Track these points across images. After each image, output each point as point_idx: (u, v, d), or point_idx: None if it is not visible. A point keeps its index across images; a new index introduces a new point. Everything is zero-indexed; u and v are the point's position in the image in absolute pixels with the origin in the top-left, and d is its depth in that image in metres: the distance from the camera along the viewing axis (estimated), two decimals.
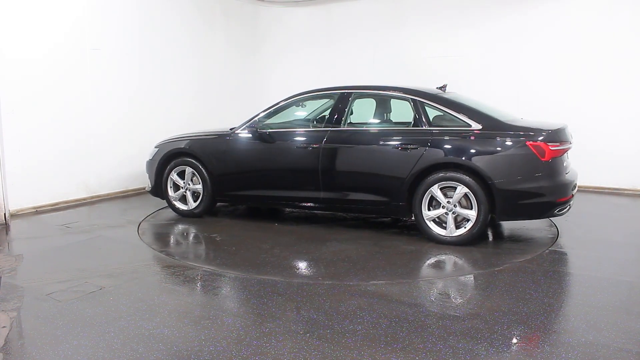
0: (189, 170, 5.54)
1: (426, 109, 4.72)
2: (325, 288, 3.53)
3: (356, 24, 8.60)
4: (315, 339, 2.77)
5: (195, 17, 7.95)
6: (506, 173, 4.29)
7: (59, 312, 3.12)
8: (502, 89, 7.38)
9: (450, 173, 4.44)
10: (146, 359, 2.56)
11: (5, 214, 5.24)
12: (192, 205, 5.57)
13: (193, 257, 4.47)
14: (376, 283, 3.63)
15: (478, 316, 3.06)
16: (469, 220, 4.41)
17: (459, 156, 4.44)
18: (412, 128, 4.78)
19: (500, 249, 4.49)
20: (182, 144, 5.61)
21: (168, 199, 5.70)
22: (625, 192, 6.88)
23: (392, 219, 5.43)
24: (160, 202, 5.95)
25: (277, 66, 9.27)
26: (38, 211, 5.87)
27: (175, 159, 5.61)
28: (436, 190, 4.49)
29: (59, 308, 3.19)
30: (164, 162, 5.65)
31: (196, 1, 7.94)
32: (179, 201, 5.66)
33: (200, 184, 5.49)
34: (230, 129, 5.49)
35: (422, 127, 4.68)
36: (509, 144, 4.32)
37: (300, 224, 5.39)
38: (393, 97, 5.17)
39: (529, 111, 6.20)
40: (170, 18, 7.48)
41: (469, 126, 4.49)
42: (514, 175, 4.29)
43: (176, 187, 5.66)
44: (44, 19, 5.83)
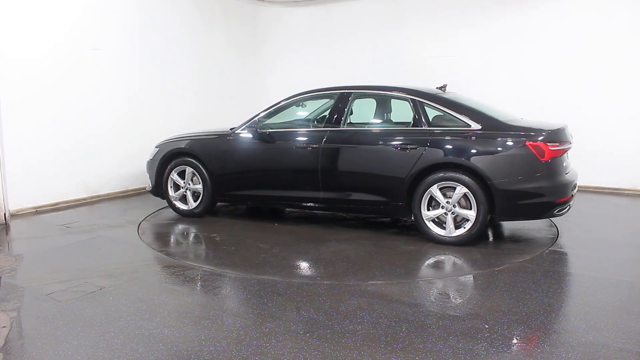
0: (189, 170, 5.54)
1: (426, 109, 4.72)
2: (325, 288, 3.53)
3: (356, 24, 8.60)
4: (315, 339, 2.77)
5: (195, 17, 7.95)
6: (506, 173, 4.29)
7: (59, 312, 3.12)
8: (502, 89, 7.38)
9: (450, 173, 4.44)
10: (146, 359, 2.57)
11: (5, 214, 5.24)
12: (192, 205, 5.58)
13: (193, 257, 4.47)
14: (376, 283, 3.63)
15: (478, 316, 3.06)
16: (468, 221, 4.41)
17: (459, 156, 4.44)
18: (411, 128, 4.78)
19: (500, 249, 4.49)
20: (182, 143, 5.61)
21: (168, 199, 5.71)
22: (625, 192, 6.88)
23: (391, 219, 5.43)
24: (161, 202, 5.95)
25: (277, 66, 9.27)
26: (38, 211, 5.87)
27: (176, 158, 5.62)
28: (435, 190, 4.49)
29: (59, 308, 3.19)
30: (164, 162, 5.66)
31: (196, 1, 7.94)
32: (179, 201, 5.67)
33: (200, 183, 5.50)
34: (230, 129, 5.50)
35: (422, 127, 4.68)
36: (509, 144, 4.32)
37: (300, 224, 5.39)
38: (393, 97, 5.18)
39: (529, 111, 6.19)
40: (170, 18, 7.49)
41: (469, 126, 4.49)
42: (513, 176, 4.28)
43: (176, 187, 5.66)
44: (44, 19, 5.83)
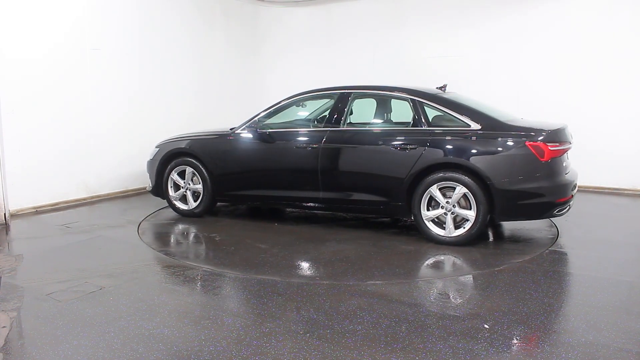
0: (189, 170, 5.54)
1: (425, 109, 4.72)
2: (324, 288, 3.53)
3: (356, 24, 8.60)
4: (315, 339, 2.77)
5: (195, 17, 7.95)
6: (505, 173, 4.28)
7: (59, 312, 3.12)
8: (502, 89, 7.37)
9: (450, 173, 4.44)
10: (146, 359, 2.57)
11: (5, 214, 5.24)
12: (192, 205, 5.58)
13: (193, 257, 4.48)
14: (375, 283, 3.63)
15: (478, 316, 3.06)
16: (468, 221, 4.41)
17: (458, 156, 4.43)
18: (411, 128, 4.78)
19: (500, 249, 4.49)
20: (182, 143, 5.61)
21: (168, 199, 5.71)
22: (625, 192, 6.88)
23: (391, 219, 5.43)
24: (161, 202, 5.95)
25: (277, 66, 9.27)
26: (38, 211, 5.87)
27: (176, 158, 5.62)
28: (435, 190, 4.49)
29: (59, 308, 3.19)
30: (164, 162, 5.66)
31: (196, 1, 7.94)
32: (179, 201, 5.67)
33: (200, 183, 5.50)
34: (230, 129, 5.50)
35: (422, 127, 4.68)
36: (509, 144, 4.32)
37: (299, 224, 5.39)
38: (393, 97, 5.18)
39: (529, 111, 6.19)
40: (170, 18, 7.49)
41: (468, 126, 4.49)
42: (513, 176, 4.28)
43: (176, 186, 5.66)
44: (44, 19, 5.83)
